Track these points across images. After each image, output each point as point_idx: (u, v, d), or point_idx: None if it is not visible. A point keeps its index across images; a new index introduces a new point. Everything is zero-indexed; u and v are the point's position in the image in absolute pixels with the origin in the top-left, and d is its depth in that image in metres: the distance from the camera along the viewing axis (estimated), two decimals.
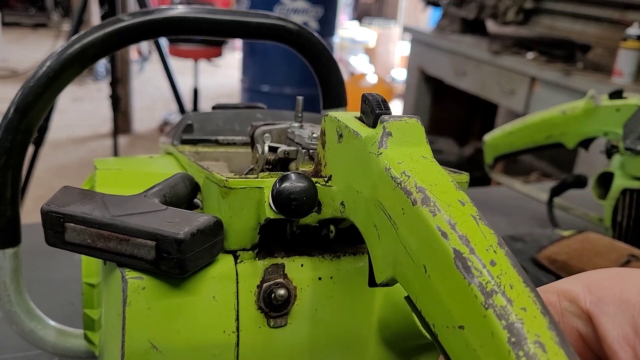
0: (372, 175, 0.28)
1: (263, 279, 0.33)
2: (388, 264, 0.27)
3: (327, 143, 0.33)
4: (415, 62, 3.17)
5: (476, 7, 2.67)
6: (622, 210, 0.76)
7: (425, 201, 0.24)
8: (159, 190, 0.35)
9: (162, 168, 0.43)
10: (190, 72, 3.68)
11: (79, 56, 0.40)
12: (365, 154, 0.29)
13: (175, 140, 0.46)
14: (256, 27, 0.47)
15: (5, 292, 0.42)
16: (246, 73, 3.36)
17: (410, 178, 0.26)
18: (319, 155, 0.34)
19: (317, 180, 0.32)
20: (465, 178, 0.34)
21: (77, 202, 0.32)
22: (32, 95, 0.39)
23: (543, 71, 2.16)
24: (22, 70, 4.73)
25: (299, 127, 0.41)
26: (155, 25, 0.43)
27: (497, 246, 0.22)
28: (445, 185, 0.25)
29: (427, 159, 0.28)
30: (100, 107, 3.98)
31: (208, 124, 0.47)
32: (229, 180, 0.32)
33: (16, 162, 0.40)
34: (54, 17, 6.68)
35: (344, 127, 0.31)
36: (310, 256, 0.35)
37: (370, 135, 0.29)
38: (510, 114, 2.62)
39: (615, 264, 0.65)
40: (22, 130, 0.39)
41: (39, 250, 0.70)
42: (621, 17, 2.06)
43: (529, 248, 0.73)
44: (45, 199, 0.32)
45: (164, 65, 2.10)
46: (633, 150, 0.72)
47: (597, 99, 0.81)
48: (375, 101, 0.30)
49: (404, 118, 0.29)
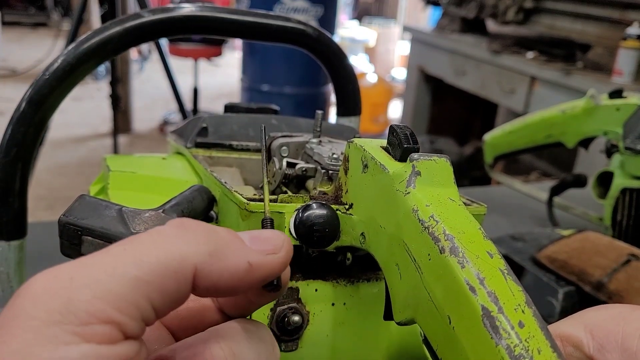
0: (397, 214, 0.28)
1: (277, 302, 0.33)
2: (408, 306, 0.27)
3: (350, 170, 0.33)
4: (415, 61, 3.17)
5: (476, 6, 2.67)
6: (622, 209, 0.76)
7: (453, 251, 0.24)
8: (177, 205, 0.35)
9: (176, 173, 0.42)
10: (190, 72, 3.68)
11: (96, 50, 0.40)
12: (392, 191, 0.28)
13: (189, 143, 0.46)
14: (276, 30, 0.47)
15: (8, 283, 0.42)
16: (246, 72, 3.36)
17: (438, 224, 0.25)
18: (340, 181, 0.34)
19: (337, 208, 0.32)
20: (483, 210, 0.34)
21: (95, 215, 0.31)
22: (46, 88, 0.38)
23: (543, 70, 2.16)
24: (22, 69, 4.73)
25: (318, 142, 0.40)
26: (176, 24, 0.43)
27: (525, 305, 0.22)
28: (474, 233, 0.25)
29: (455, 202, 0.27)
30: (100, 107, 3.98)
31: (222, 127, 0.47)
32: (250, 203, 0.32)
33: (27, 155, 0.40)
34: (53, 16, 6.68)
35: (370, 158, 0.30)
36: (325, 280, 0.35)
37: (398, 172, 0.28)
38: (510, 113, 2.62)
39: (615, 263, 0.65)
40: (35, 124, 0.39)
41: (39, 250, 0.70)
42: (621, 17, 2.06)
43: (529, 247, 0.73)
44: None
45: (164, 64, 2.10)
46: (633, 150, 0.72)
47: (597, 99, 0.81)
48: (403, 134, 0.30)
49: (433, 157, 0.29)
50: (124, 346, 0.19)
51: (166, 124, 3.90)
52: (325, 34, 0.50)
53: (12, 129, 0.39)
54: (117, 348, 0.18)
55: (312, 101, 3.54)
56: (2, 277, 0.41)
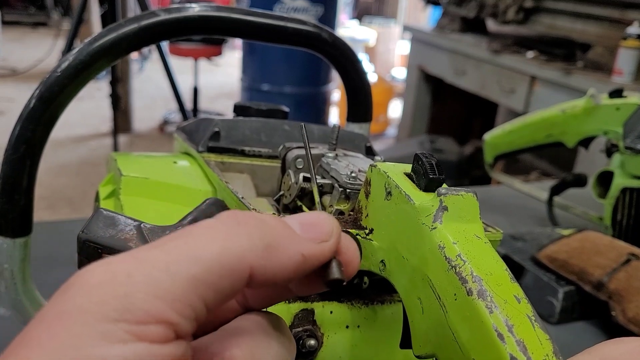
0: (422, 248, 0.28)
1: (293, 324, 0.33)
2: (430, 341, 0.26)
3: (372, 195, 0.32)
4: (415, 61, 3.17)
5: (476, 6, 2.67)
6: (622, 209, 0.76)
7: (481, 294, 0.24)
8: (195, 221, 0.34)
9: (189, 181, 0.42)
10: (190, 71, 3.68)
11: (110, 48, 0.39)
12: (417, 224, 0.28)
13: (201, 147, 0.46)
14: (292, 33, 0.47)
15: (12, 280, 0.42)
16: (246, 72, 3.36)
17: (466, 264, 0.25)
18: (361, 204, 0.33)
19: (357, 232, 0.32)
20: (500, 236, 0.34)
21: (114, 231, 0.31)
22: (57, 86, 0.38)
23: (543, 70, 2.16)
24: (22, 69, 4.73)
25: (334, 157, 0.40)
26: (191, 23, 0.42)
27: (552, 355, 0.22)
28: (501, 275, 0.25)
29: (481, 240, 0.27)
30: (100, 106, 3.98)
31: (235, 132, 0.47)
32: None
33: (35, 152, 0.39)
34: (54, 16, 6.68)
35: (394, 187, 0.30)
36: (340, 302, 0.35)
37: (425, 206, 0.28)
38: (510, 113, 2.62)
39: (615, 262, 0.65)
40: (44, 121, 0.39)
41: (39, 250, 0.70)
42: (621, 16, 2.06)
43: (529, 247, 0.73)
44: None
45: (164, 64, 2.10)
46: (633, 149, 0.72)
47: (597, 98, 0.81)
48: (429, 164, 0.29)
49: (461, 192, 0.28)
50: (175, 345, 0.18)
51: (166, 123, 3.90)
52: (341, 38, 0.49)
53: (22, 126, 0.38)
54: (169, 347, 0.18)
55: (312, 101, 3.54)
56: (6, 274, 0.41)
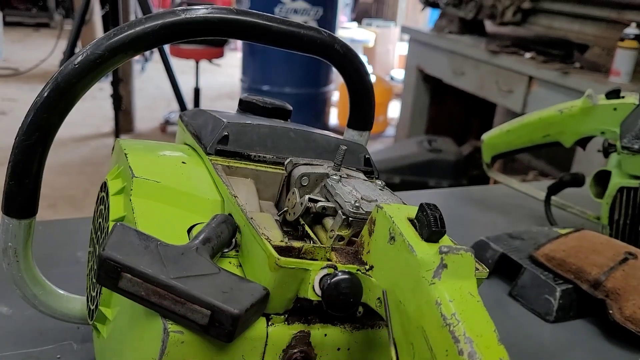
0: (420, 299, 0.29)
1: (289, 345, 0.35)
2: None
3: (375, 234, 0.34)
4: (413, 61, 3.18)
5: (474, 7, 2.67)
6: (619, 208, 0.77)
7: (471, 356, 0.26)
8: (208, 242, 0.36)
9: (199, 189, 0.43)
10: (191, 72, 3.69)
11: (129, 44, 0.40)
12: (418, 276, 0.30)
13: (209, 149, 0.47)
14: (307, 41, 0.48)
15: (15, 258, 0.44)
16: (246, 73, 3.37)
17: (459, 324, 0.27)
18: (363, 240, 0.35)
19: (358, 268, 0.34)
20: (485, 274, 0.36)
21: (134, 251, 0.33)
22: (75, 77, 0.39)
23: (541, 71, 2.17)
24: (24, 69, 4.73)
25: (338, 179, 0.42)
26: (210, 25, 0.42)
27: None
28: (489, 337, 0.27)
29: (474, 298, 0.29)
30: (102, 106, 3.99)
31: (243, 136, 0.48)
32: (281, 259, 0.33)
33: (47, 140, 0.41)
34: (56, 17, 6.67)
35: (398, 234, 0.32)
36: (334, 325, 0.37)
37: (427, 260, 0.30)
38: (508, 113, 2.63)
39: (612, 261, 0.65)
40: (58, 111, 0.40)
41: (40, 249, 0.70)
42: (619, 17, 2.07)
43: (527, 246, 0.74)
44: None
45: (166, 65, 2.10)
46: (630, 149, 0.73)
47: (594, 98, 0.81)
48: (432, 216, 0.31)
49: (460, 251, 0.30)
50: None
51: (168, 123, 3.91)
52: (352, 49, 0.51)
53: (35, 114, 0.40)
54: None
55: (312, 101, 3.54)
56: (10, 252, 0.43)
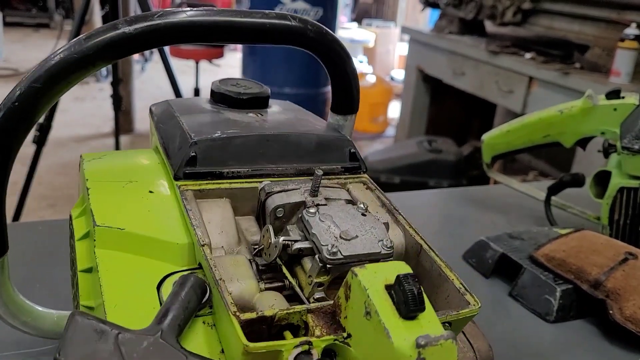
0: None
1: None
2: None
3: (351, 301, 0.32)
4: (413, 62, 3.18)
5: (474, 7, 2.68)
6: (619, 208, 0.77)
7: None
8: (174, 320, 0.34)
9: (166, 230, 0.40)
10: (191, 72, 3.69)
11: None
12: None
13: (178, 172, 0.43)
14: (275, 31, 0.43)
15: None
16: (246, 73, 3.37)
17: None
18: (340, 303, 0.33)
19: (335, 338, 0.32)
20: (476, 311, 0.35)
21: (90, 349, 0.30)
22: (16, 116, 0.36)
23: (541, 71, 2.17)
24: (24, 70, 4.73)
25: (314, 213, 0.39)
26: (153, 34, 0.39)
27: None
28: None
29: None
30: (102, 107, 3.99)
31: (213, 153, 0.44)
32: (250, 345, 0.31)
33: (3, 165, 0.36)
34: (56, 17, 6.67)
35: (374, 311, 0.30)
36: None
37: (403, 352, 0.28)
38: (508, 113, 2.63)
39: (612, 261, 0.65)
40: (14, 140, 0.36)
41: (40, 249, 0.70)
42: (619, 18, 2.07)
43: (527, 246, 0.74)
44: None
45: (166, 65, 2.10)
46: (630, 149, 0.73)
47: (594, 99, 0.81)
48: (410, 293, 0.30)
49: (440, 341, 0.29)
50: None
51: None
52: (330, 33, 0.46)
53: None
54: None
55: (312, 102, 3.54)
56: None
